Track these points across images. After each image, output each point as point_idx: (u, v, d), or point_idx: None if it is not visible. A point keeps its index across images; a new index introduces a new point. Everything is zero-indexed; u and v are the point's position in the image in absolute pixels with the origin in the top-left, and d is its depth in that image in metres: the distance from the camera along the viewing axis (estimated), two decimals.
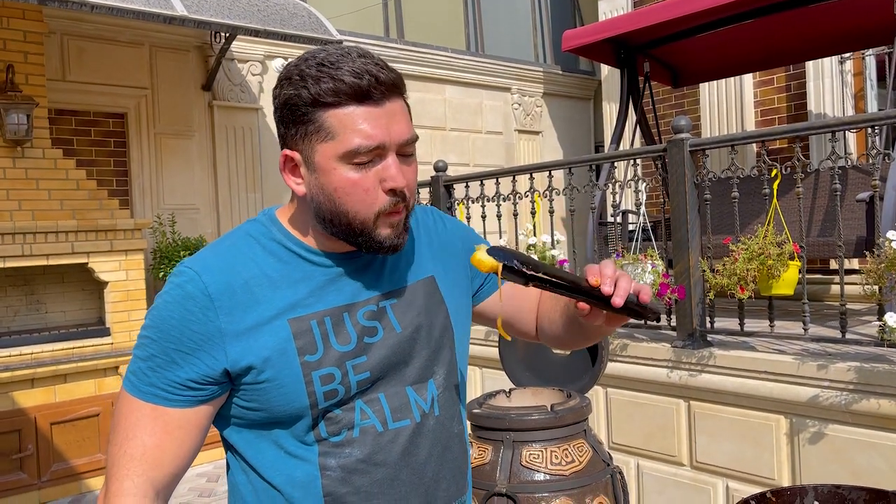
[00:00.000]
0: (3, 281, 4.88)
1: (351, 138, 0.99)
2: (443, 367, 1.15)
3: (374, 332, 1.08)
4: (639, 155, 4.05)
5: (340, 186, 1.01)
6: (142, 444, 1.02)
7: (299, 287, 1.06)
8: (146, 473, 1.01)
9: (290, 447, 1.06)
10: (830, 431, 2.97)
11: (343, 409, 1.05)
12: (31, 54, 4.87)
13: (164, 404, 1.02)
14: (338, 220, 1.03)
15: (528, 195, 4.34)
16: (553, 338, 1.28)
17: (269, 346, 1.02)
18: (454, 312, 1.18)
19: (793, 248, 3.11)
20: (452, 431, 1.16)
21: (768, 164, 3.24)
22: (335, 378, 1.04)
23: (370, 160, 1.00)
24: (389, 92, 1.01)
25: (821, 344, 3.24)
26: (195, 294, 1.02)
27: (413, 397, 1.10)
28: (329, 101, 0.98)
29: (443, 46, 7.78)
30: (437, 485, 1.12)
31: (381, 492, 1.07)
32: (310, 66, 0.99)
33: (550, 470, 2.44)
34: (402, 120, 1.03)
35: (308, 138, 1.01)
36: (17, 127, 4.59)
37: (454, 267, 1.22)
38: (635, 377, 3.66)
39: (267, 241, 1.08)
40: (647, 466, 3.66)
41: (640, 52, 5.38)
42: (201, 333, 1.01)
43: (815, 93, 5.87)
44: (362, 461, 1.06)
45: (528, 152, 8.51)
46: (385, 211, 1.03)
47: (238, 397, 1.05)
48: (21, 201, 4.67)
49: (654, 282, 3.49)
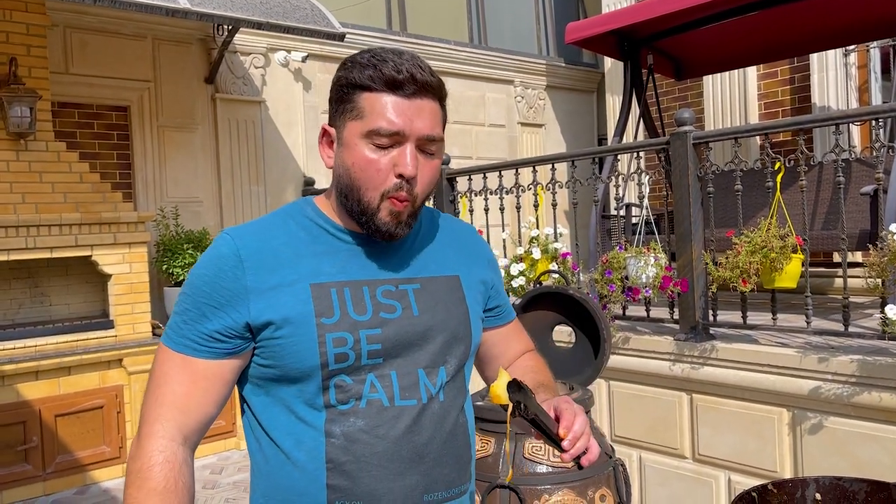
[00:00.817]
0: (8, 274, 4.89)
1: (376, 120, 1.08)
2: (455, 358, 1.19)
3: (392, 310, 1.14)
4: (642, 148, 4.04)
5: (357, 162, 1.10)
6: (171, 391, 1.11)
7: (323, 258, 1.14)
8: (175, 419, 1.10)
9: (300, 411, 1.12)
10: (832, 424, 2.97)
11: (354, 380, 1.11)
12: (33, 47, 4.86)
13: (193, 354, 1.11)
14: (351, 194, 1.12)
15: (531, 188, 4.34)
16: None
17: (289, 305, 1.10)
18: (473, 314, 1.24)
19: (796, 240, 3.11)
20: (458, 421, 1.20)
21: (772, 157, 3.24)
22: (347, 342, 1.10)
23: (390, 144, 1.09)
24: (423, 90, 1.10)
25: (823, 337, 3.24)
26: (227, 255, 1.12)
27: (423, 380, 1.15)
28: (367, 85, 1.09)
29: (445, 39, 7.77)
30: (438, 468, 1.15)
31: (380, 464, 1.10)
32: (363, 56, 1.11)
33: (553, 462, 2.45)
34: (429, 117, 1.11)
35: (343, 115, 1.11)
36: (20, 120, 4.59)
37: (477, 279, 1.28)
38: (638, 370, 3.66)
39: (300, 217, 1.18)
40: (650, 459, 3.67)
41: (644, 44, 5.36)
42: (230, 290, 1.10)
43: (819, 85, 5.85)
44: (364, 431, 1.10)
45: (531, 145, 8.50)
46: (389, 193, 1.10)
47: (257, 355, 1.13)
48: (25, 194, 4.68)
49: (656, 275, 3.49)
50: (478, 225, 4.75)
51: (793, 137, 5.90)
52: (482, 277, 1.29)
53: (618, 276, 3.62)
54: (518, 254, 4.21)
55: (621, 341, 3.71)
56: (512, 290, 4.22)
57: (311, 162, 6.74)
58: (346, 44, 6.57)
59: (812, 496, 1.13)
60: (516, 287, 4.14)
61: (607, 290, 3.64)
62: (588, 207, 4.95)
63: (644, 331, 3.78)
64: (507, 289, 4.30)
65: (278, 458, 1.13)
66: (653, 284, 3.50)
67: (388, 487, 1.11)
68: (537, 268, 4.09)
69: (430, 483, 1.14)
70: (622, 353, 3.71)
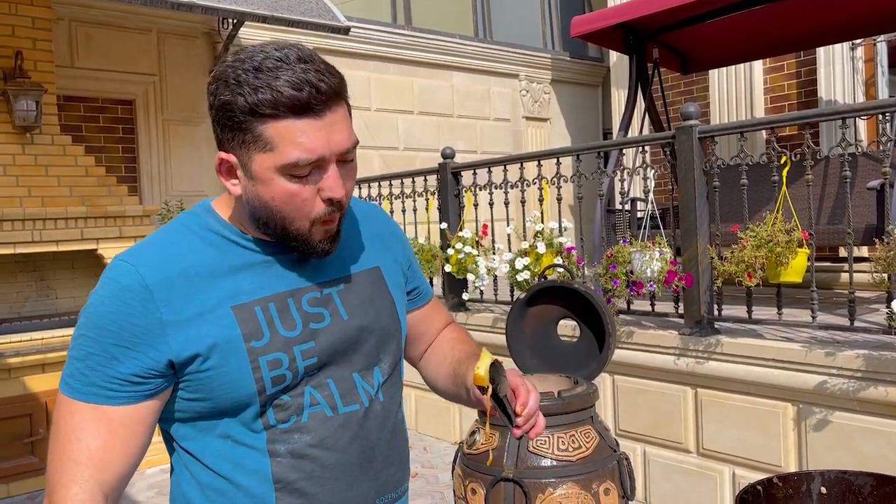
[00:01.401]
0: (14, 267, 4.91)
1: (290, 151, 0.96)
2: (388, 355, 1.16)
3: (320, 318, 1.08)
4: (647, 142, 4.03)
5: (278, 196, 0.99)
6: (86, 447, 0.98)
7: (240, 275, 1.05)
8: (94, 477, 0.98)
9: (237, 436, 1.04)
10: (838, 419, 2.97)
11: (291, 396, 1.05)
12: (39, 41, 4.87)
13: (107, 402, 0.99)
14: (273, 224, 1.03)
15: (536, 182, 4.33)
16: (430, 379, 1.34)
17: (213, 333, 1.01)
18: (399, 303, 1.20)
19: (801, 235, 3.10)
20: (398, 418, 1.18)
21: (778, 152, 3.23)
22: (283, 363, 1.03)
23: (309, 172, 0.99)
24: (330, 101, 0.98)
25: (829, 332, 3.24)
26: (132, 286, 0.99)
27: (360, 383, 1.11)
28: (267, 113, 0.95)
29: (450, 33, 7.75)
30: (386, 469, 1.13)
31: (333, 476, 1.07)
32: (246, 72, 0.95)
33: (557, 456, 2.45)
34: (343, 129, 1.00)
35: (245, 146, 0.98)
36: (25, 113, 4.61)
37: (395, 263, 1.24)
38: (642, 364, 3.66)
39: (203, 231, 1.07)
40: (654, 453, 3.67)
41: (650, 38, 5.34)
42: (141, 326, 0.98)
43: (826, 79, 5.83)
44: (313, 446, 1.05)
45: (535, 139, 8.49)
46: (321, 219, 1.03)
47: (182, 390, 1.03)
48: (31, 188, 4.69)
49: (661, 269, 3.49)
50: (482, 219, 4.75)
51: (799, 132, 5.88)
52: (399, 260, 1.25)
53: (622, 270, 3.61)
54: (523, 248, 4.21)
55: (626, 335, 3.71)
56: (517, 284, 4.22)
57: None
58: (352, 38, 6.57)
59: (817, 489, 1.13)
60: (521, 281, 4.14)
61: (612, 285, 3.64)
62: (593, 202, 4.95)
63: (649, 325, 3.78)
64: (512, 283, 4.30)
65: (216, 486, 1.05)
66: (658, 279, 3.50)
67: (342, 499, 1.07)
68: (542, 262, 4.09)
69: (380, 486, 1.12)
70: (627, 347, 3.71)
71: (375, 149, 7.20)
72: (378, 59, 7.24)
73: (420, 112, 7.54)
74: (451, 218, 4.87)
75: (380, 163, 7.19)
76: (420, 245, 4.86)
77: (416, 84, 7.52)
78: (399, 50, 7.33)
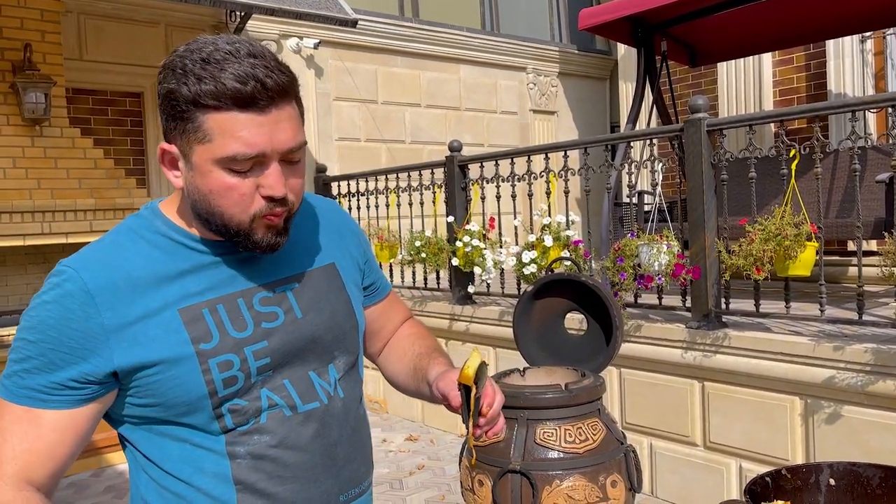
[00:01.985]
0: (23, 259, 4.94)
1: (229, 144, 0.94)
2: (344, 352, 1.15)
3: (273, 318, 1.06)
4: (655, 135, 4.02)
5: (216, 189, 0.97)
6: (11, 448, 0.97)
7: (187, 277, 1.03)
8: (17, 475, 0.97)
9: (195, 439, 1.03)
10: (845, 413, 2.96)
11: (248, 400, 1.03)
12: (48, 33, 4.89)
13: (39, 406, 0.97)
14: (213, 219, 1.01)
15: (544, 175, 4.33)
16: (390, 375, 1.34)
17: (159, 337, 0.98)
18: (355, 300, 1.19)
19: (810, 228, 3.09)
20: (359, 413, 1.17)
21: (787, 145, 3.21)
22: (234, 364, 1.01)
23: (249, 168, 0.97)
24: (277, 98, 0.96)
25: (837, 325, 3.23)
26: (73, 291, 0.97)
27: (317, 381, 1.10)
28: (209, 104, 0.93)
29: (458, 25, 7.73)
30: (349, 465, 1.12)
31: (295, 476, 1.06)
32: (194, 62, 0.94)
33: (564, 448, 2.46)
34: (289, 127, 0.98)
35: (186, 136, 0.96)
36: (35, 106, 4.63)
37: (351, 259, 1.22)
38: (650, 358, 3.66)
39: (150, 233, 1.05)
40: (661, 446, 3.67)
41: (658, 30, 5.32)
42: (81, 332, 0.96)
43: (836, 72, 5.79)
44: (273, 446, 1.04)
45: (542, 132, 8.47)
46: (261, 214, 1.00)
47: (130, 395, 1.01)
48: (40, 180, 4.72)
49: (668, 262, 3.48)
50: (489, 212, 4.75)
51: (808, 125, 5.86)
52: (354, 255, 1.23)
53: (630, 263, 3.61)
54: (530, 241, 4.21)
55: (633, 329, 3.71)
56: (523, 278, 4.23)
57: (324, 148, 6.75)
58: (359, 30, 6.57)
59: (826, 481, 1.13)
60: (528, 274, 4.15)
61: (619, 278, 3.63)
62: (600, 195, 4.94)
63: (656, 318, 3.78)
64: (519, 276, 4.30)
65: (175, 488, 1.04)
66: (665, 272, 3.49)
67: (305, 498, 1.07)
68: (549, 255, 4.09)
69: (343, 483, 1.11)
70: (634, 340, 3.71)
71: (382, 141, 7.20)
72: (385, 52, 7.23)
73: (427, 105, 7.54)
74: (458, 211, 4.87)
75: (387, 156, 7.19)
76: (427, 238, 4.87)
77: (423, 77, 7.51)
78: (406, 43, 7.32)
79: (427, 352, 1.25)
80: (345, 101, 6.96)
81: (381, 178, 5.62)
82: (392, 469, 4.29)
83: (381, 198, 5.59)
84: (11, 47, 4.70)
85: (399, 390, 1.32)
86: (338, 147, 6.91)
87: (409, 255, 4.97)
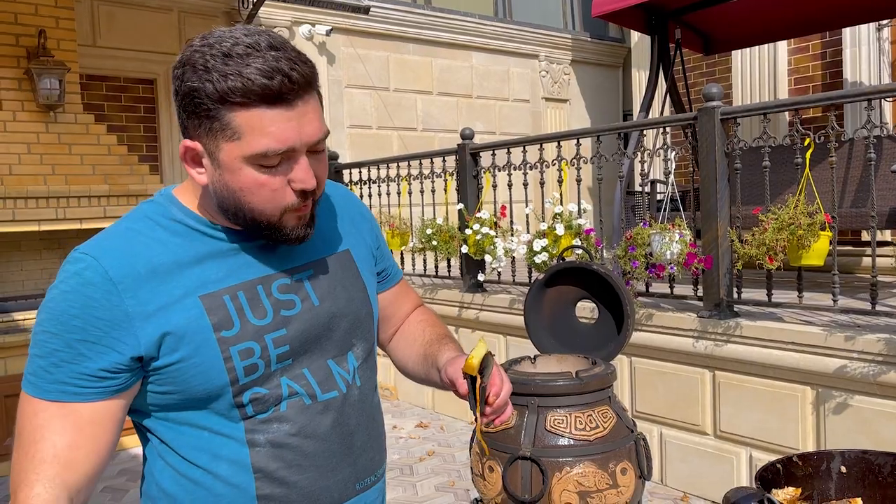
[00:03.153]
0: (38, 244, 4.98)
1: (259, 141, 0.93)
2: (361, 339, 1.15)
3: (291, 305, 1.06)
4: (669, 123, 4.00)
5: (246, 186, 0.97)
6: (52, 445, 0.94)
7: (207, 264, 1.02)
8: (59, 476, 0.93)
9: (214, 427, 1.03)
10: (857, 403, 2.96)
11: (268, 388, 1.03)
12: (62, 19, 4.90)
13: (74, 399, 0.95)
14: (242, 214, 1.00)
15: (556, 164, 4.32)
16: (399, 361, 1.34)
17: (182, 324, 0.98)
18: (370, 286, 1.19)
19: (824, 217, 3.08)
20: (374, 401, 1.18)
21: (801, 133, 3.19)
22: (255, 352, 1.01)
23: (278, 162, 0.97)
24: (302, 90, 0.95)
25: (850, 315, 3.22)
26: (95, 280, 0.95)
27: (335, 370, 1.10)
28: (237, 101, 0.92)
29: (470, 12, 7.70)
30: (365, 454, 1.13)
31: (314, 464, 1.06)
32: (215, 57, 0.92)
33: (575, 435, 2.46)
34: (315, 119, 0.97)
35: (213, 134, 0.95)
36: (49, 92, 4.65)
37: (364, 245, 1.22)
38: (660, 346, 3.66)
39: (166, 220, 1.04)
40: (670, 435, 3.68)
41: (672, 18, 5.28)
42: (106, 320, 0.95)
43: (852, 60, 5.73)
44: (293, 435, 1.05)
45: (554, 121, 8.44)
46: (292, 208, 1.00)
47: (152, 383, 1.01)
48: (54, 166, 4.75)
49: (681, 251, 3.47)
50: (501, 200, 4.75)
51: (823, 114, 5.80)
52: (368, 242, 1.23)
53: (641, 252, 3.61)
54: (541, 229, 4.21)
55: (644, 318, 3.71)
56: (535, 266, 4.23)
57: (335, 135, 6.76)
58: (371, 17, 6.56)
59: (837, 469, 1.13)
60: (539, 263, 4.15)
61: (631, 267, 3.63)
62: (612, 184, 4.92)
63: (667, 307, 3.77)
64: (530, 264, 4.31)
65: (192, 475, 1.04)
66: (677, 261, 3.49)
67: (323, 486, 1.07)
68: (560, 243, 4.08)
69: (359, 471, 1.12)
70: (645, 329, 3.71)
71: (394, 129, 7.20)
72: (397, 39, 7.21)
73: (439, 92, 7.52)
74: (469, 199, 4.87)
75: (398, 143, 7.19)
76: (438, 226, 4.87)
77: (435, 64, 7.49)
78: (418, 30, 7.29)
79: (437, 338, 1.26)
80: (356, 88, 6.95)
81: (393, 165, 5.63)
82: (402, 455, 4.32)
83: (393, 185, 5.59)
84: (26, 33, 4.72)
85: (408, 377, 1.32)
86: (349, 134, 6.92)
87: (420, 242, 4.98)
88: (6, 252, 4.94)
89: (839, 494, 1.17)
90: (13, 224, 4.52)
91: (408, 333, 1.33)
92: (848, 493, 1.18)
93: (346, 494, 1.10)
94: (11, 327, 4.47)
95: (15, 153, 4.64)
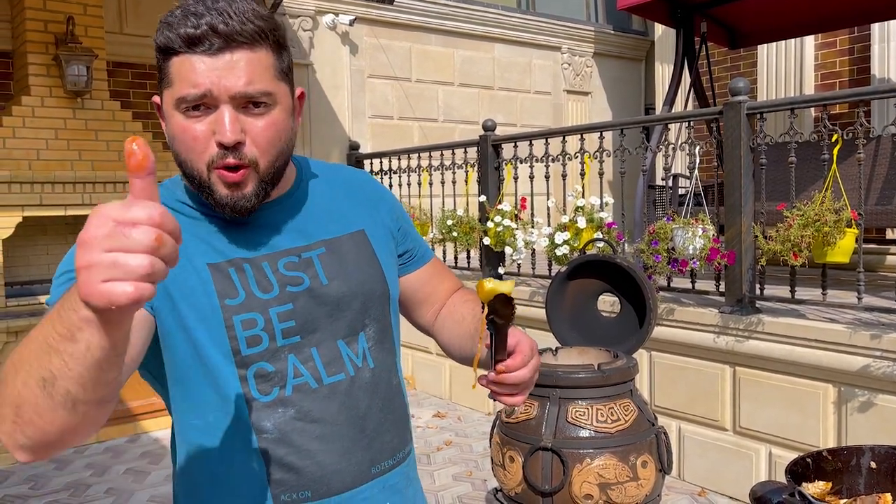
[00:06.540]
0: (65, 229, 5.05)
1: (181, 86, 0.97)
2: (375, 321, 1.13)
3: (298, 282, 1.06)
4: (694, 117, 3.98)
5: (176, 133, 1.00)
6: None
7: (213, 239, 1.05)
8: None
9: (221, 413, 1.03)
10: (880, 401, 2.94)
11: (274, 365, 1.03)
12: (90, 6, 4.95)
13: None
14: (183, 169, 1.02)
15: (578, 156, 4.31)
16: (445, 342, 1.27)
17: (190, 283, 1.00)
18: (387, 268, 1.17)
19: (850, 214, 3.05)
20: (391, 384, 1.15)
21: (829, 129, 3.16)
22: (258, 323, 1.02)
23: (202, 111, 0.97)
24: (231, 42, 0.96)
25: (874, 314, 3.19)
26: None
27: (345, 351, 1.09)
28: (173, 48, 0.97)
29: (493, 4, 7.67)
30: (380, 438, 1.12)
31: (323, 448, 1.05)
32: (173, 13, 0.98)
33: (596, 427, 2.47)
34: (245, 72, 0.97)
35: (161, 86, 1.01)
36: (77, 78, 4.70)
37: (382, 226, 1.20)
38: (681, 341, 3.65)
39: (173, 202, 1.07)
40: (690, 430, 3.68)
41: (698, 11, 5.24)
42: None
43: (880, 56, 5.66)
44: (298, 419, 1.04)
45: (576, 113, 8.40)
46: (215, 164, 0.98)
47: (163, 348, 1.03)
48: (81, 151, 4.81)
49: (704, 246, 3.46)
50: (522, 193, 4.75)
51: (850, 110, 5.74)
52: (386, 223, 1.21)
53: (664, 246, 3.60)
54: (563, 222, 4.20)
55: (665, 312, 3.70)
56: (555, 259, 4.23)
57: (356, 125, 6.78)
58: (395, 7, 6.55)
59: (867, 464, 1.13)
60: (560, 256, 4.15)
61: (653, 261, 3.62)
62: (634, 178, 4.91)
63: (688, 302, 3.76)
64: (551, 257, 4.31)
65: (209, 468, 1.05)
66: (700, 256, 3.47)
67: (334, 470, 1.06)
68: (582, 237, 4.08)
69: (374, 454, 1.10)
70: (666, 324, 3.70)
71: (415, 120, 7.20)
72: (420, 30, 7.21)
73: (461, 84, 7.51)
74: (490, 191, 4.87)
75: (419, 134, 7.19)
76: (458, 217, 4.88)
77: (457, 55, 7.48)
78: (441, 20, 7.28)
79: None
80: (378, 78, 6.96)
81: (414, 156, 5.63)
82: (420, 445, 4.35)
83: (413, 176, 5.60)
84: (54, 20, 4.77)
85: (454, 358, 1.26)
86: (371, 125, 6.93)
87: (440, 233, 4.99)
88: (33, 236, 5.01)
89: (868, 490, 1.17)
90: (40, 208, 4.58)
91: (454, 312, 1.27)
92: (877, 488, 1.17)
93: (361, 479, 1.09)
94: (38, 310, 4.55)
95: (43, 138, 4.71)
